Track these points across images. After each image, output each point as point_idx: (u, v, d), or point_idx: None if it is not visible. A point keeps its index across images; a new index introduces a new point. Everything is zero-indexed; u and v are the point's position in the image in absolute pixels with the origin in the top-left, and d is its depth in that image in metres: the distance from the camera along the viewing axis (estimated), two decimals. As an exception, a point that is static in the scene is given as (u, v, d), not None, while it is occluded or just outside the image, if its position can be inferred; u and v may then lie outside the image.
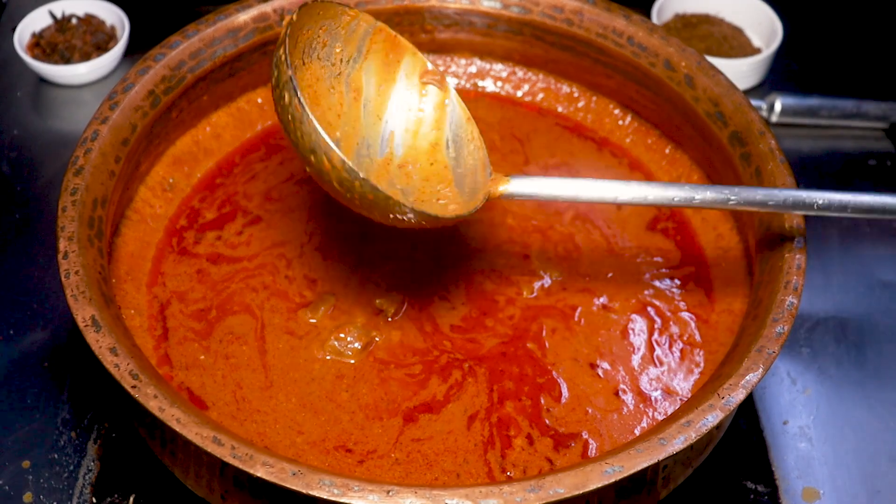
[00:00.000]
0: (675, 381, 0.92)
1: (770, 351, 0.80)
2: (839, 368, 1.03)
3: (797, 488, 0.94)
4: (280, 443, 0.86)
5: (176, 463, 0.85)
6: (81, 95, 1.25)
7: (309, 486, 0.71)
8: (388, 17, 1.09)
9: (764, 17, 1.32)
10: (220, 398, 0.88)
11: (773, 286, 0.85)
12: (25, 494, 0.90)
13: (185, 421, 0.74)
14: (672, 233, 1.03)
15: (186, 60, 0.99)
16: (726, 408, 0.77)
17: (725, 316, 0.95)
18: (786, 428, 0.98)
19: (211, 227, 1.01)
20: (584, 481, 0.73)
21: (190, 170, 1.04)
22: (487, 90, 1.15)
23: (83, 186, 0.87)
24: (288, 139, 0.80)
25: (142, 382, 0.76)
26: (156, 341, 0.92)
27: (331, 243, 1.00)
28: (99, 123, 0.92)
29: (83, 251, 0.83)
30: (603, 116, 1.12)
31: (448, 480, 0.84)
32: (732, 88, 0.99)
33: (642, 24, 1.04)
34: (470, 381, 0.90)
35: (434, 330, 0.94)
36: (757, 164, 0.94)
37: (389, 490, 0.71)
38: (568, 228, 1.02)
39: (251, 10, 1.03)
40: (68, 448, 0.93)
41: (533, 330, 0.94)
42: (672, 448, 0.75)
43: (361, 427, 0.87)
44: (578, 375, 0.92)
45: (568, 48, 1.09)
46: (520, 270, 0.99)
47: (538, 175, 0.95)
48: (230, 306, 0.94)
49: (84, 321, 0.79)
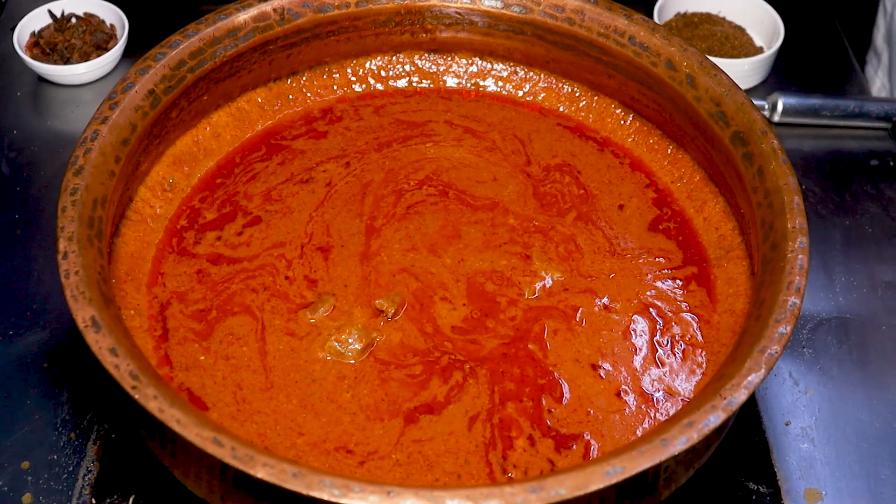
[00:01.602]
0: (676, 381, 0.92)
1: (772, 351, 0.80)
2: (841, 369, 1.03)
3: (799, 489, 0.94)
4: (280, 444, 0.86)
5: (176, 464, 0.85)
6: (81, 95, 1.25)
7: (309, 486, 0.71)
8: (389, 17, 1.09)
9: (766, 17, 1.32)
10: (220, 399, 0.88)
11: (775, 287, 0.85)
12: (25, 495, 0.90)
13: (186, 422, 0.74)
14: (674, 233, 1.02)
15: (186, 60, 0.99)
16: (728, 408, 0.77)
17: (727, 316, 0.95)
18: (788, 429, 0.98)
19: (211, 227, 1.00)
20: (585, 482, 0.72)
21: (190, 170, 1.04)
22: (488, 90, 1.15)
23: (83, 186, 0.87)
24: None
25: (142, 383, 0.75)
26: (156, 342, 0.92)
27: (331, 243, 0.99)
28: (99, 123, 0.92)
29: (83, 251, 0.83)
30: (605, 116, 1.12)
31: (449, 481, 0.84)
32: (734, 88, 0.99)
33: (644, 23, 1.04)
34: (471, 382, 0.90)
35: (435, 331, 0.93)
36: (759, 164, 0.93)
37: (390, 491, 0.71)
38: (569, 229, 1.02)
39: (251, 10, 1.03)
40: (68, 449, 0.93)
41: (534, 331, 0.94)
42: (674, 449, 0.75)
43: (362, 428, 0.87)
44: (580, 376, 0.91)
45: (569, 48, 1.09)
46: (521, 271, 0.98)
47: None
48: (230, 307, 0.94)
49: (84, 322, 0.78)
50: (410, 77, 1.15)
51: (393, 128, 1.10)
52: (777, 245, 0.88)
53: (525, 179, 1.06)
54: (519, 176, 1.07)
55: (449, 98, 1.14)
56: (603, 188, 1.06)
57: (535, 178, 1.06)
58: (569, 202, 1.05)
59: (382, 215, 1.02)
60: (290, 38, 1.06)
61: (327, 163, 1.07)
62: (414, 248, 0.99)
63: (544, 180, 1.06)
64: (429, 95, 1.14)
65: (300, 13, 1.05)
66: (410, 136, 1.10)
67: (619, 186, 1.06)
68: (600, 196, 1.05)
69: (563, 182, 1.06)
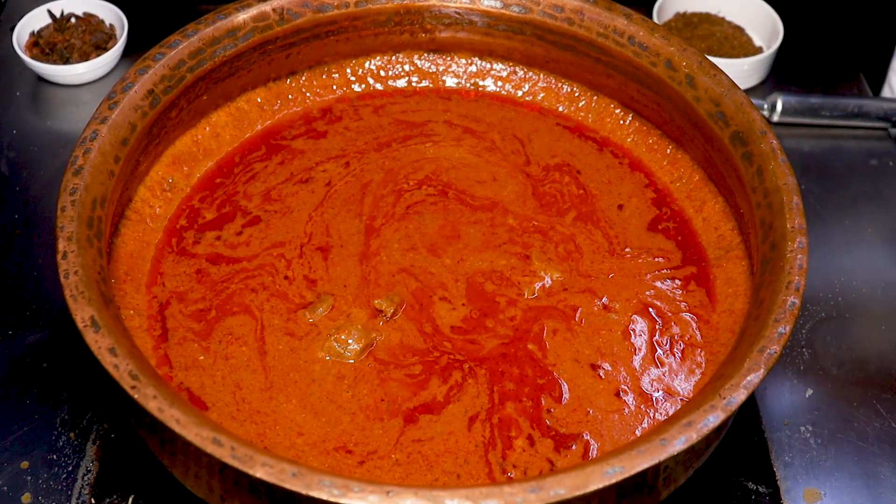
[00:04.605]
0: (676, 381, 0.92)
1: (771, 351, 0.80)
2: (841, 369, 1.03)
3: (798, 489, 0.94)
4: (280, 444, 0.86)
5: (175, 463, 0.85)
6: (80, 95, 1.25)
7: (309, 486, 0.71)
8: (388, 17, 1.09)
9: (765, 17, 1.32)
10: (219, 399, 0.88)
11: (774, 286, 0.85)
12: (24, 495, 0.90)
13: (185, 422, 0.74)
14: (673, 233, 1.02)
15: (186, 60, 0.99)
16: (728, 408, 0.77)
17: (727, 316, 0.95)
18: (787, 429, 0.98)
19: (210, 227, 1.00)
20: (585, 482, 0.72)
21: (189, 170, 1.04)
22: (488, 90, 1.15)
23: (82, 186, 0.87)
24: None
25: (141, 383, 0.75)
26: (155, 342, 0.92)
27: (330, 243, 0.99)
28: (98, 123, 0.92)
29: (82, 251, 0.83)
30: (604, 116, 1.12)
31: (448, 481, 0.84)
32: (734, 88, 0.99)
33: (643, 23, 1.04)
34: (470, 382, 0.90)
35: (434, 331, 0.93)
36: (759, 164, 0.93)
37: (389, 491, 0.71)
38: (569, 229, 1.02)
39: (251, 10, 1.03)
40: (67, 449, 0.93)
41: (534, 331, 0.94)
42: (673, 449, 0.75)
43: (362, 428, 0.87)
44: (579, 376, 0.91)
45: (569, 48, 1.09)
46: (520, 271, 0.98)
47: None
48: (230, 307, 0.94)
49: (83, 321, 0.78)
50: (410, 77, 1.15)
51: (392, 128, 1.10)
52: (776, 245, 0.88)
53: (524, 179, 1.06)
54: (518, 176, 1.07)
55: (448, 98, 1.14)
56: (602, 188, 1.06)
57: (535, 178, 1.07)
58: (568, 202, 1.05)
59: (382, 215, 1.02)
60: (290, 38, 1.06)
61: (327, 163, 1.07)
62: (413, 248, 0.99)
63: (544, 180, 1.06)
64: (428, 95, 1.14)
65: (299, 13, 1.05)
66: (410, 136, 1.10)
67: (619, 186, 1.06)
68: (600, 196, 1.05)
69: (563, 182, 1.06)
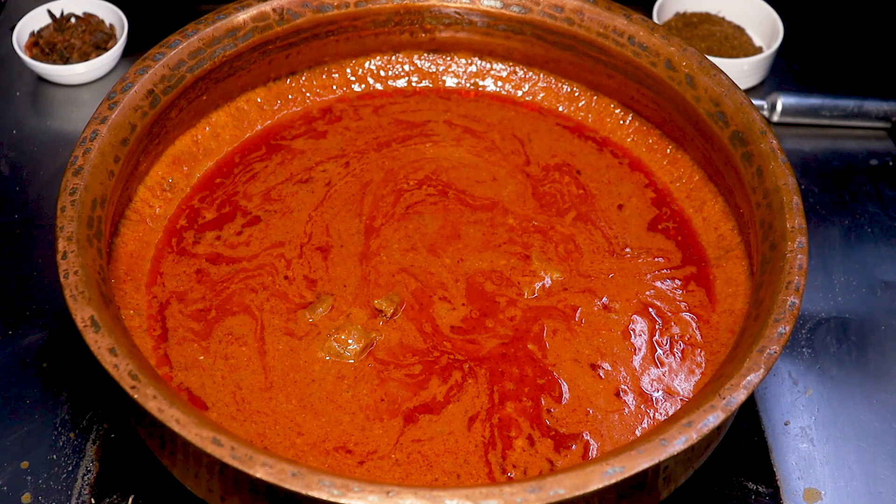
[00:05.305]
0: (676, 381, 0.92)
1: (771, 351, 0.80)
2: (841, 369, 1.03)
3: (798, 489, 0.94)
4: (280, 444, 0.86)
5: (175, 463, 0.85)
6: (80, 95, 1.25)
7: (308, 486, 0.71)
8: (388, 17, 1.09)
9: (765, 17, 1.32)
10: (219, 399, 0.88)
11: (774, 286, 0.85)
12: (24, 495, 0.90)
13: (185, 422, 0.74)
14: (673, 233, 1.02)
15: (186, 60, 0.99)
16: (728, 408, 0.77)
17: (726, 316, 0.95)
18: (787, 428, 0.98)
19: (210, 227, 1.00)
20: (585, 482, 0.72)
21: (189, 170, 1.04)
22: (488, 90, 1.15)
23: (82, 186, 0.87)
24: None
25: (141, 383, 0.75)
26: (155, 342, 0.92)
27: (330, 243, 0.99)
28: (98, 123, 0.92)
29: (82, 251, 0.83)
30: (604, 116, 1.12)
31: (448, 481, 0.84)
32: (734, 88, 0.99)
33: (643, 23, 1.04)
34: (470, 382, 0.90)
35: (434, 331, 0.93)
36: (758, 164, 0.93)
37: (389, 491, 0.71)
38: (569, 229, 1.02)
39: (250, 10, 1.03)
40: (67, 449, 0.93)
41: (533, 331, 0.94)
42: (673, 449, 0.75)
43: (361, 428, 0.87)
44: (579, 376, 0.91)
45: (568, 48, 1.09)
46: (520, 271, 0.98)
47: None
48: (229, 307, 0.94)
49: (83, 321, 0.78)
50: (410, 77, 1.15)
51: (392, 128, 1.10)
52: (776, 245, 0.88)
53: (524, 179, 1.06)
54: (518, 176, 1.07)
55: (448, 98, 1.14)
56: (602, 188, 1.06)
57: (535, 178, 1.07)
58: (568, 202, 1.05)
59: (382, 215, 1.02)
60: (290, 38, 1.06)
61: (326, 162, 1.07)
62: (413, 248, 0.99)
63: (543, 180, 1.06)
64: (428, 95, 1.14)
65: (299, 13, 1.05)
66: (410, 136, 1.10)
67: (619, 186, 1.06)
68: (599, 196, 1.05)
69: (563, 182, 1.06)
